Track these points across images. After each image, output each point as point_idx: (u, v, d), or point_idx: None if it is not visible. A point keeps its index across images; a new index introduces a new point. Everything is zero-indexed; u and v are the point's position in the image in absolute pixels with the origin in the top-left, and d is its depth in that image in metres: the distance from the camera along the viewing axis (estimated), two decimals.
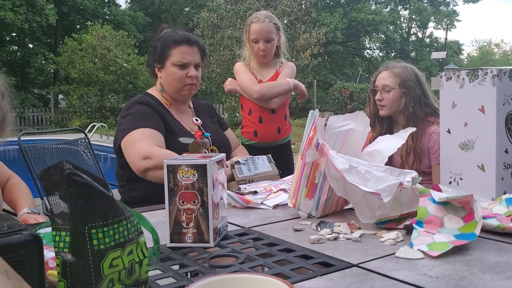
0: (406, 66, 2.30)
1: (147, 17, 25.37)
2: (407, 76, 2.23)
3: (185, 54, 2.05)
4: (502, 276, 0.93)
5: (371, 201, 1.27)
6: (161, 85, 2.10)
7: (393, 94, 2.23)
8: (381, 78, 2.29)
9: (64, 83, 19.03)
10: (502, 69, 1.39)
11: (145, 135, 1.89)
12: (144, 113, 1.98)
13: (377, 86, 2.29)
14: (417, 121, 2.21)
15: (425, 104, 2.23)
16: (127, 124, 1.96)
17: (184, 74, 2.05)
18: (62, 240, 0.75)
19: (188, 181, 1.11)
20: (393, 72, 2.26)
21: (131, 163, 1.90)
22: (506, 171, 1.42)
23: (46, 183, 0.77)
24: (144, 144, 1.85)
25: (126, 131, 1.93)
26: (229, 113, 16.43)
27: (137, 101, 2.03)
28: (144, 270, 0.80)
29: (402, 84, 2.22)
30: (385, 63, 2.38)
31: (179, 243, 1.14)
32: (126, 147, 1.93)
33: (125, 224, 0.77)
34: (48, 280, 0.80)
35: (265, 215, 1.48)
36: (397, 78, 2.23)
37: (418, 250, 1.07)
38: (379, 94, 2.27)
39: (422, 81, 2.27)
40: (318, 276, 0.95)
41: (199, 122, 2.16)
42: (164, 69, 2.07)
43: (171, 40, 2.05)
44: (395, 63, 2.32)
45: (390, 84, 2.24)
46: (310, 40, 17.49)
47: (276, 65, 2.72)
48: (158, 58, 2.08)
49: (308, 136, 1.39)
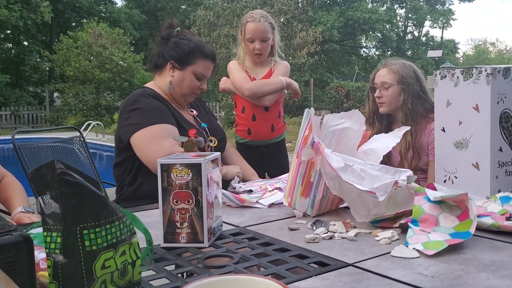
0: (405, 63, 2.31)
1: (143, 14, 25.30)
2: (405, 72, 2.24)
3: (207, 69, 2.10)
4: (497, 275, 0.93)
5: (366, 200, 1.27)
6: (171, 83, 2.06)
7: (391, 91, 2.23)
8: (379, 75, 2.29)
9: (60, 81, 18.92)
10: (496, 68, 1.39)
11: (166, 132, 1.87)
12: (156, 107, 1.96)
13: (376, 84, 2.29)
14: (416, 117, 2.22)
15: (424, 100, 2.24)
16: (138, 118, 1.92)
17: (198, 85, 2.08)
18: (53, 241, 0.74)
19: (182, 181, 1.11)
20: (391, 69, 2.26)
21: (151, 160, 1.82)
22: (500, 170, 1.42)
23: (37, 183, 0.76)
24: (169, 144, 1.82)
25: (139, 126, 1.90)
26: (226, 111, 16.42)
27: (143, 94, 2.00)
28: (137, 271, 0.79)
29: (400, 81, 2.22)
30: (384, 61, 2.38)
31: (173, 243, 1.13)
32: (144, 142, 1.88)
33: (117, 224, 0.77)
34: (39, 281, 0.79)
35: (260, 214, 1.47)
36: (396, 74, 2.24)
37: (414, 249, 1.06)
38: (378, 91, 2.27)
39: (421, 78, 2.28)
40: (313, 276, 0.95)
41: (194, 113, 2.17)
42: (182, 72, 2.05)
43: (202, 51, 2.07)
44: (393, 60, 2.33)
45: (388, 81, 2.24)
46: (307, 38, 17.49)
47: (270, 64, 2.72)
48: (179, 58, 2.05)
49: (303, 135, 1.38)
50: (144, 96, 1.99)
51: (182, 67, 2.05)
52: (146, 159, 1.89)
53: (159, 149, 1.81)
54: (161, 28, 2.14)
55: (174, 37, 2.09)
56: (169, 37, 2.09)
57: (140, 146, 1.90)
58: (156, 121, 1.90)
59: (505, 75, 1.40)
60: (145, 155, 1.89)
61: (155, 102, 1.97)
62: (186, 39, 2.08)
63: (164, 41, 2.10)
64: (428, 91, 2.30)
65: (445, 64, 23.03)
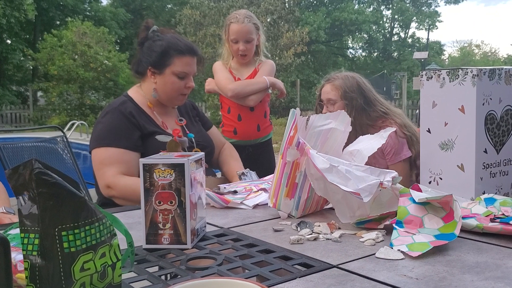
0: (347, 76, 2.32)
1: (129, 13, 25.14)
2: (347, 87, 2.26)
3: (188, 66, 1.97)
4: (482, 277, 0.92)
5: (351, 201, 1.27)
6: (155, 90, 1.99)
7: (337, 106, 2.25)
8: (324, 92, 2.32)
9: (43, 80, 18.71)
10: (482, 69, 1.39)
11: (113, 159, 1.85)
12: (115, 126, 1.89)
13: (322, 100, 2.31)
14: (363, 128, 2.22)
15: (369, 110, 2.25)
16: (97, 135, 1.91)
17: (183, 84, 1.98)
18: (30, 243, 0.72)
19: (165, 181, 1.09)
20: (334, 85, 2.28)
21: (98, 185, 1.91)
22: (485, 171, 1.42)
23: (14, 182, 0.74)
24: (110, 173, 1.83)
25: (96, 144, 1.89)
26: (212, 112, 16.40)
27: (117, 108, 1.93)
28: (117, 274, 0.78)
29: (343, 96, 2.25)
30: (328, 75, 2.40)
31: (155, 244, 1.11)
32: (94, 164, 1.91)
33: (97, 226, 0.75)
34: (16, 284, 0.77)
35: (244, 215, 1.46)
36: (338, 90, 2.26)
37: (398, 251, 1.06)
38: (325, 107, 2.30)
39: (364, 89, 2.29)
40: (297, 277, 0.94)
41: (183, 122, 2.09)
42: (162, 76, 1.96)
43: (175, 49, 1.95)
44: (336, 74, 2.35)
45: (333, 98, 2.27)
46: (294, 39, 17.54)
47: (255, 63, 2.71)
48: (155, 63, 1.96)
49: (289, 135, 1.38)
50: (115, 111, 1.92)
51: (161, 71, 1.96)
52: (96, 179, 1.93)
53: (100, 177, 1.87)
54: (138, 32, 2.05)
55: (148, 40, 1.99)
56: (144, 41, 2.00)
57: (93, 166, 1.92)
58: (110, 144, 1.86)
59: (490, 77, 1.40)
60: (95, 176, 1.93)
61: (117, 121, 1.90)
62: (159, 39, 1.97)
63: (140, 46, 2.02)
64: (376, 98, 2.31)
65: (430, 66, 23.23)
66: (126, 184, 1.80)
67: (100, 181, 1.87)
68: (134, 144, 1.88)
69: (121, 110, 1.92)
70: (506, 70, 1.45)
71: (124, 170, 1.84)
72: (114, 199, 1.86)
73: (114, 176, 1.83)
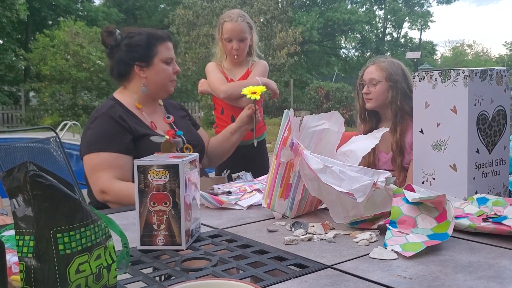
0: (393, 61, 2.37)
1: (122, 13, 25.04)
2: (393, 70, 2.29)
3: (170, 50, 2.04)
4: (474, 276, 0.93)
5: (345, 201, 1.27)
6: (145, 85, 2.00)
7: (379, 87, 2.28)
8: (368, 72, 2.35)
9: (36, 80, 18.59)
10: (473, 70, 1.41)
11: (105, 164, 1.84)
12: (106, 131, 1.88)
13: (364, 80, 2.35)
14: (404, 115, 2.26)
15: (410, 99, 2.27)
16: (88, 140, 1.90)
17: (171, 70, 2.03)
18: (26, 245, 0.72)
19: (160, 182, 1.09)
20: (379, 66, 2.32)
21: (92, 190, 1.90)
22: (477, 171, 1.43)
23: (9, 185, 0.74)
24: (104, 178, 1.82)
25: (87, 150, 1.88)
26: (205, 112, 16.37)
27: (106, 113, 1.92)
28: (113, 275, 0.78)
29: (388, 78, 2.27)
30: (373, 58, 2.45)
31: (150, 245, 1.11)
32: (87, 170, 1.90)
33: (92, 228, 0.75)
34: (11, 286, 0.77)
35: (239, 216, 1.46)
36: (384, 72, 2.29)
37: (392, 251, 1.07)
38: (366, 87, 2.33)
39: (408, 76, 2.33)
40: (292, 278, 0.94)
41: (170, 119, 2.10)
42: (152, 67, 1.99)
43: (157, 38, 2.00)
44: (382, 58, 2.39)
45: (376, 78, 2.29)
46: (287, 39, 17.55)
47: (248, 64, 2.71)
48: (142, 56, 1.98)
49: (282, 136, 1.38)
50: (104, 116, 1.91)
51: (149, 62, 1.99)
52: (89, 185, 1.92)
53: (94, 182, 1.86)
54: (102, 41, 2.04)
55: (122, 40, 2.00)
56: (115, 45, 2.01)
57: (86, 171, 1.92)
58: (102, 149, 1.86)
59: (482, 78, 1.42)
60: (88, 182, 1.92)
61: (107, 127, 1.89)
62: (135, 35, 2.00)
63: (114, 49, 2.01)
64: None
65: (423, 66, 23.34)
66: (121, 189, 1.80)
67: (94, 186, 1.87)
68: (126, 148, 1.87)
69: (111, 115, 1.91)
70: (497, 71, 1.46)
71: (118, 174, 1.84)
72: (108, 203, 1.85)
73: (108, 181, 1.82)
